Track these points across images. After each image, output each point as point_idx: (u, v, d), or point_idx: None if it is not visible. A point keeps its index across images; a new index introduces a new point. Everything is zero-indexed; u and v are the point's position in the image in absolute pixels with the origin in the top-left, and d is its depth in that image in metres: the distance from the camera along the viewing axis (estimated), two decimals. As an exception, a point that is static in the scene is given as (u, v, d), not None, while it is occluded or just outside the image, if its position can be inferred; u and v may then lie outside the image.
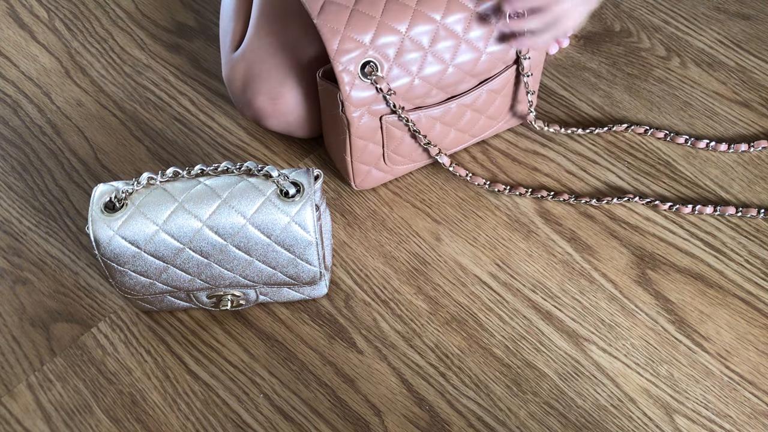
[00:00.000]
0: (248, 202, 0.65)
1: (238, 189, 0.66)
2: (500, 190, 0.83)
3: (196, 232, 0.66)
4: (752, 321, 0.75)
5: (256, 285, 0.71)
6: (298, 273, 0.70)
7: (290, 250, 0.67)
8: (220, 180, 0.67)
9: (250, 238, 0.66)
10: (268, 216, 0.65)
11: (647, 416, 0.70)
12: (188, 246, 0.66)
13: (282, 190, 0.66)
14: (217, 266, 0.68)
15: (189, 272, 0.69)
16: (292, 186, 0.66)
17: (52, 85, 0.96)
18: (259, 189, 0.66)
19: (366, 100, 0.72)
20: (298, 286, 0.73)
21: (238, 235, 0.66)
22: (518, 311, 0.76)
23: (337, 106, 0.74)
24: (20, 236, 0.83)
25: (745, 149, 0.86)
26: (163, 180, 0.67)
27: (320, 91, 0.78)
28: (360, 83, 0.71)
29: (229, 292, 0.72)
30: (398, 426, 0.70)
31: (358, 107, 0.73)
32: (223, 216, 0.65)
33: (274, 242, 0.67)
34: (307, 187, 0.66)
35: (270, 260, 0.68)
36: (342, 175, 0.84)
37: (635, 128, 0.88)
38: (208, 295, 0.73)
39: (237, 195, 0.66)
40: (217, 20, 1.02)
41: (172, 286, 0.70)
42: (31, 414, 0.72)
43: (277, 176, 0.66)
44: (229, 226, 0.66)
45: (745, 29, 0.98)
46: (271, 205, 0.65)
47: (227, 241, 0.66)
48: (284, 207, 0.65)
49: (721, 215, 0.82)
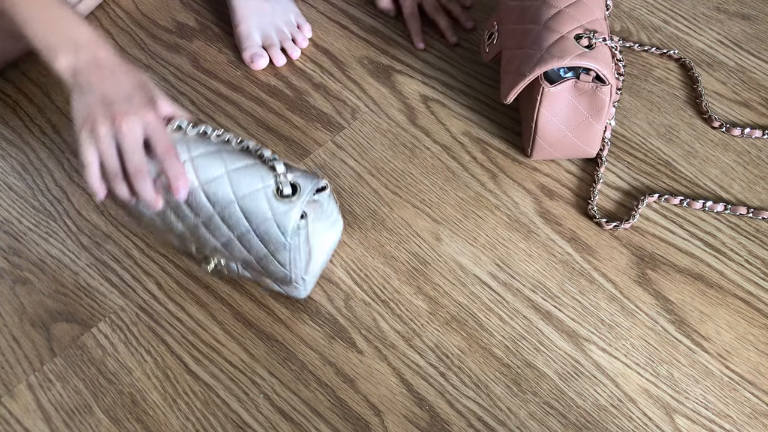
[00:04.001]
0: (246, 183, 0.67)
1: (244, 168, 0.68)
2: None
3: (193, 190, 0.68)
4: (752, 321, 0.75)
5: (237, 260, 0.73)
6: (270, 268, 0.71)
7: (265, 244, 0.69)
8: (235, 154, 0.68)
9: (234, 216, 0.68)
10: (256, 204, 0.67)
11: (647, 416, 0.70)
12: (184, 200, 0.69)
13: (278, 187, 0.66)
14: (204, 228, 0.71)
15: (182, 222, 0.71)
16: (290, 186, 0.66)
17: (52, 85, 0.96)
18: (261, 177, 0.67)
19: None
20: (274, 279, 0.74)
21: (226, 209, 0.68)
22: (518, 311, 0.76)
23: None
24: (20, 236, 0.83)
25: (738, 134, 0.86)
26: (191, 133, 0.70)
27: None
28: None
29: (215, 254, 0.74)
30: (398, 426, 0.70)
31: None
32: (219, 186, 0.67)
33: (253, 231, 0.68)
34: (301, 193, 0.67)
35: (247, 245, 0.70)
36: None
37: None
38: (197, 248, 0.75)
39: (240, 173, 0.67)
40: (217, 20, 1.02)
41: (166, 226, 0.73)
42: (31, 414, 0.72)
43: (279, 173, 0.66)
44: (220, 197, 0.68)
45: (745, 29, 0.98)
46: (263, 196, 0.67)
47: (215, 210, 0.68)
48: (273, 202, 0.67)
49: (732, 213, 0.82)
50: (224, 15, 1.02)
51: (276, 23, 0.98)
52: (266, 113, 0.92)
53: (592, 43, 0.75)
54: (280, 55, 0.97)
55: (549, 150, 0.83)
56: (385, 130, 0.90)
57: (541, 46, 0.76)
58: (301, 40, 0.98)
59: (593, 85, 0.77)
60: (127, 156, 0.68)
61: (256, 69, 0.96)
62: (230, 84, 0.95)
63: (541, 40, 0.77)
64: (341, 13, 1.03)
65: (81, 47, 0.70)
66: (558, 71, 0.78)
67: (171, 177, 0.67)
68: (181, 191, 0.67)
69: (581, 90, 0.77)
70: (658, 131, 0.89)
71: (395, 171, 0.87)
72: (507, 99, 0.79)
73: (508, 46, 0.82)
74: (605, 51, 0.76)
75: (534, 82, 0.78)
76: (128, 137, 0.67)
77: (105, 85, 0.69)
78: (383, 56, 0.98)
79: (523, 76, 0.77)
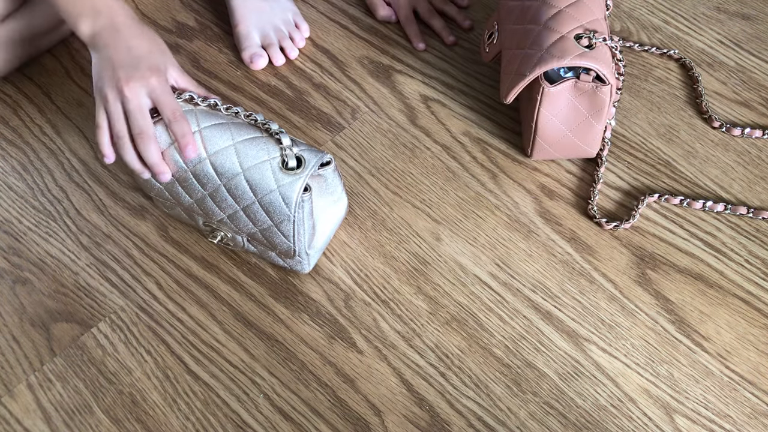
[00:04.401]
0: (252, 155, 0.69)
1: (251, 140, 0.69)
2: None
3: (201, 161, 0.70)
4: (752, 321, 0.75)
5: (242, 233, 0.75)
6: (274, 240, 0.73)
7: (270, 216, 0.70)
8: (243, 126, 0.70)
9: (240, 187, 0.70)
10: (261, 176, 0.68)
11: (647, 416, 0.70)
12: (191, 170, 0.71)
13: (284, 160, 0.68)
14: (210, 200, 0.72)
15: (190, 195, 0.73)
16: (295, 159, 0.68)
17: (52, 85, 0.96)
18: (268, 149, 0.69)
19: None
20: (278, 253, 0.75)
21: (232, 180, 0.70)
22: (518, 311, 0.76)
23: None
24: (20, 236, 0.83)
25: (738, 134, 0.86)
26: (202, 105, 0.72)
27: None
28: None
29: (221, 227, 0.75)
30: (398, 426, 0.70)
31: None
32: (227, 157, 0.69)
33: (258, 202, 0.70)
34: (306, 166, 0.68)
35: (252, 217, 0.72)
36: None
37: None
38: (204, 222, 0.77)
39: (247, 145, 0.69)
40: (216, 20, 1.02)
41: (174, 198, 0.75)
42: (31, 414, 0.72)
43: (285, 146, 0.68)
44: (227, 169, 0.69)
45: (745, 29, 0.98)
46: (268, 168, 0.68)
47: (221, 181, 0.70)
48: (278, 174, 0.68)
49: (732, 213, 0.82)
50: (224, 15, 1.02)
51: (274, 22, 0.98)
52: (266, 113, 0.92)
53: (592, 43, 0.75)
54: (279, 54, 0.97)
55: (549, 150, 0.83)
56: (385, 130, 0.90)
57: (541, 46, 0.76)
58: (299, 40, 0.98)
59: (593, 85, 0.77)
60: (131, 119, 0.71)
61: (255, 69, 0.96)
62: (230, 84, 0.95)
63: (541, 40, 0.77)
64: (341, 13, 1.03)
65: (100, 13, 0.74)
66: (558, 71, 0.78)
67: (178, 135, 0.69)
68: (189, 149, 0.69)
69: (581, 90, 0.77)
70: (658, 131, 0.89)
71: (395, 171, 0.87)
72: (507, 99, 0.79)
73: (508, 46, 0.82)
74: (605, 51, 0.76)
75: (534, 82, 0.78)
76: (132, 102, 0.70)
77: (118, 50, 0.72)
78: (383, 56, 0.98)
79: (523, 76, 0.77)
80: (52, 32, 0.96)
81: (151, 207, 0.85)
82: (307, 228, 0.72)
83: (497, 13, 0.87)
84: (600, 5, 0.79)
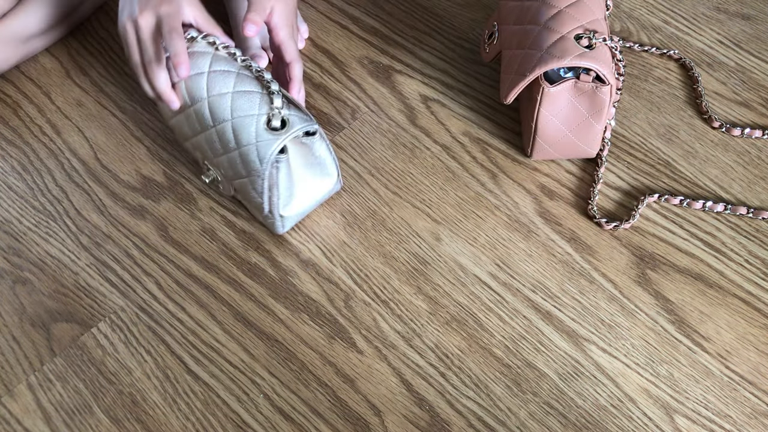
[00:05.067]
0: (243, 107, 0.72)
1: (248, 93, 0.72)
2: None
3: (201, 100, 0.74)
4: (752, 321, 0.75)
5: (228, 180, 0.78)
6: (249, 194, 0.76)
7: (245, 169, 0.73)
8: (247, 79, 0.74)
9: (226, 134, 0.73)
10: (245, 128, 0.71)
11: (647, 416, 0.70)
12: (193, 107, 0.75)
13: (269, 119, 0.70)
14: (203, 140, 0.76)
15: (190, 128, 0.77)
16: (280, 121, 0.70)
17: (52, 85, 0.96)
18: (259, 105, 0.72)
19: None
20: (252, 207, 0.79)
21: (220, 125, 0.73)
22: (518, 311, 0.76)
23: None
24: (20, 236, 0.83)
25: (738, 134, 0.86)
26: (222, 51, 0.76)
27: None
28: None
29: (214, 169, 0.79)
30: (398, 426, 0.70)
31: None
32: (222, 102, 0.73)
33: (238, 151, 0.73)
34: (288, 129, 0.70)
35: (233, 165, 0.74)
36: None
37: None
38: (202, 159, 0.80)
39: (243, 96, 0.72)
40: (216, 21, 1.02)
41: (181, 131, 0.80)
42: (31, 414, 0.72)
43: (275, 106, 0.71)
44: (219, 113, 0.73)
45: (745, 29, 0.98)
46: (253, 122, 0.71)
47: (213, 124, 0.74)
48: (261, 131, 0.71)
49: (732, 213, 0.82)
50: (224, 15, 1.02)
51: (274, 23, 0.98)
52: (266, 113, 0.92)
53: (592, 43, 0.75)
54: (279, 54, 0.97)
55: (549, 150, 0.83)
56: (385, 130, 0.90)
57: (541, 46, 0.76)
58: (299, 40, 0.98)
59: (593, 85, 0.77)
60: (142, 48, 0.75)
61: (256, 69, 0.96)
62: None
63: (541, 40, 0.77)
64: (341, 13, 1.03)
65: None
66: (558, 71, 0.78)
67: (172, 54, 0.72)
68: (181, 68, 0.71)
69: (581, 90, 0.77)
70: (658, 131, 0.89)
71: (395, 171, 0.87)
72: (507, 99, 0.79)
73: (508, 46, 0.82)
74: (605, 51, 0.76)
75: (534, 82, 0.78)
76: (144, 31, 0.74)
77: None
78: (383, 56, 0.98)
79: (523, 76, 0.77)
80: (47, 33, 0.96)
81: (151, 207, 0.85)
82: (281, 190, 0.74)
83: (497, 14, 0.87)
84: (600, 5, 0.79)
